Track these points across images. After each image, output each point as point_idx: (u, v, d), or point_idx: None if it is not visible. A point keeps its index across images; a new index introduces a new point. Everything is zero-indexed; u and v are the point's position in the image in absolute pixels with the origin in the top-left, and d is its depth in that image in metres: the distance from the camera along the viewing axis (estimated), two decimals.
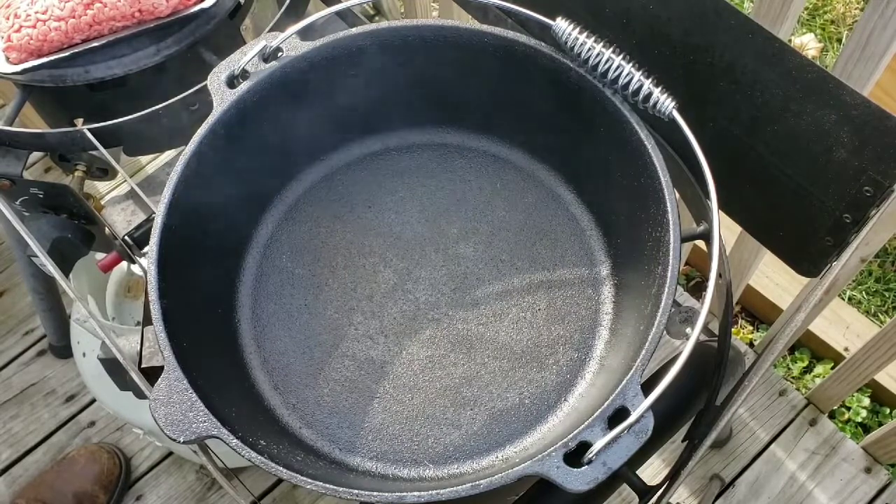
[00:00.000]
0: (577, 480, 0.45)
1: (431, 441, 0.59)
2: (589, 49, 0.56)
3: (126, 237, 0.71)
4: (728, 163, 0.64)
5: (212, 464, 0.56)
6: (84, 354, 1.03)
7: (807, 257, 0.64)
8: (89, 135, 0.70)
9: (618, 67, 0.55)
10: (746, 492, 1.15)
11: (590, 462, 0.45)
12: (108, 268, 0.76)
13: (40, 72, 0.72)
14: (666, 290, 0.51)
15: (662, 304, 0.51)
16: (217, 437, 0.48)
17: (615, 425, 0.46)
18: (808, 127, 0.58)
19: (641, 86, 0.55)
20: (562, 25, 0.57)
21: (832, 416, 1.23)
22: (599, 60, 0.56)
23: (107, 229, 0.72)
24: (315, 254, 0.67)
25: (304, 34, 0.60)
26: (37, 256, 0.65)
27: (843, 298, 1.31)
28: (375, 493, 0.46)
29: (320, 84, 0.63)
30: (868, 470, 1.16)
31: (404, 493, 0.46)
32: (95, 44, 0.72)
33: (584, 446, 0.46)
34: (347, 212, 0.69)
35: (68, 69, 0.73)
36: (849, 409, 1.24)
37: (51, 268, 0.65)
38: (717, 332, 0.65)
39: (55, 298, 1.20)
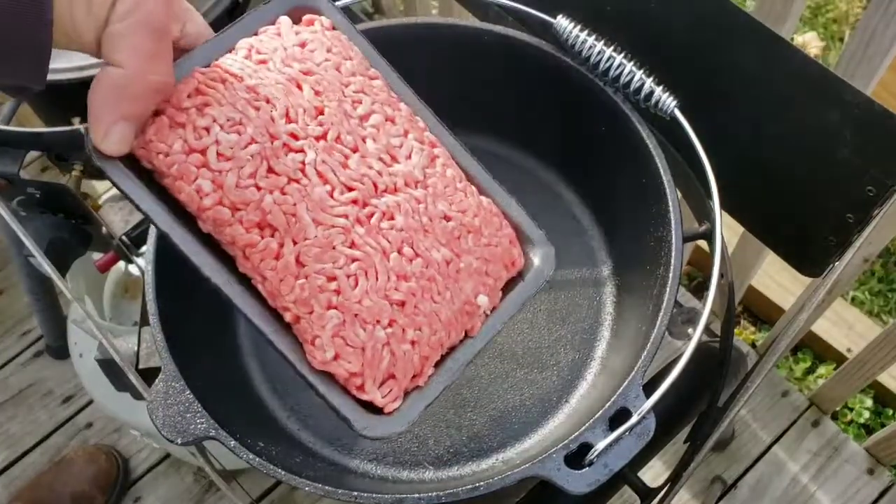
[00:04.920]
0: (578, 482, 0.45)
1: (431, 442, 0.59)
2: (590, 47, 0.56)
3: (123, 237, 0.70)
4: (730, 162, 0.63)
5: (210, 466, 0.55)
6: (81, 355, 1.03)
7: (809, 257, 0.63)
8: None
9: (619, 66, 0.55)
10: (749, 494, 1.15)
11: (591, 464, 0.45)
12: (105, 268, 0.76)
13: None
14: (668, 290, 0.51)
15: (664, 304, 0.50)
16: (215, 439, 0.47)
17: (616, 427, 0.45)
18: (810, 126, 0.57)
19: (643, 84, 0.55)
20: (563, 24, 0.57)
21: (835, 417, 1.23)
22: (601, 59, 0.55)
23: (104, 229, 0.72)
24: None
25: None
26: (33, 257, 0.65)
27: (845, 299, 1.31)
28: (375, 495, 0.46)
29: None
30: (871, 471, 1.15)
31: (404, 496, 0.45)
32: None
33: (586, 448, 0.45)
34: None
35: (63, 67, 0.72)
36: (851, 410, 1.23)
37: (47, 268, 0.64)
38: (719, 332, 0.64)
39: (52, 299, 1.20)
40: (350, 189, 0.39)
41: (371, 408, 0.38)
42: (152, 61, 0.33)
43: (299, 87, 0.39)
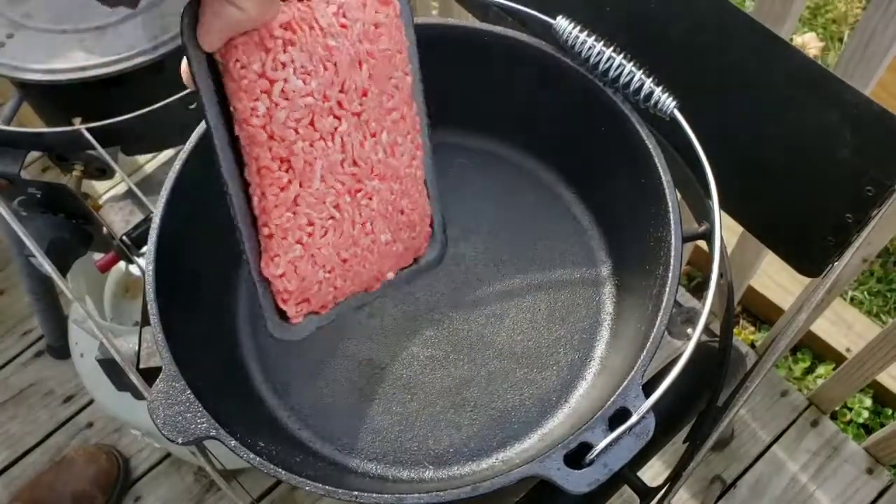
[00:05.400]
0: (578, 482, 0.45)
1: (431, 442, 0.59)
2: (590, 48, 0.56)
3: (124, 237, 0.70)
4: (729, 162, 0.64)
5: (210, 465, 0.55)
6: (82, 355, 1.03)
7: (808, 257, 0.63)
8: (87, 134, 0.70)
9: (619, 66, 0.55)
10: (748, 493, 1.15)
11: (591, 463, 0.45)
12: (105, 268, 0.76)
13: (36, 71, 0.72)
14: (667, 290, 0.51)
15: (664, 304, 0.51)
16: (215, 439, 0.47)
17: (616, 426, 0.45)
18: (809, 126, 0.57)
19: (642, 85, 0.55)
20: (562, 24, 0.57)
21: (834, 417, 1.23)
22: (600, 59, 0.56)
23: (105, 229, 0.72)
24: None
25: None
26: (34, 257, 0.65)
27: (844, 299, 1.31)
28: (375, 495, 0.46)
29: None
30: (870, 471, 1.15)
31: (404, 495, 0.46)
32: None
33: (585, 447, 0.45)
34: None
35: (64, 68, 0.72)
36: (851, 409, 1.23)
37: (48, 268, 0.64)
38: (718, 332, 0.64)
39: (53, 299, 1.20)
40: (356, 164, 0.45)
41: (282, 315, 0.46)
42: (268, 4, 0.37)
43: (360, 65, 0.43)
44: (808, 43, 1.58)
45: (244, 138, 0.41)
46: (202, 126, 0.58)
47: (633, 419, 0.45)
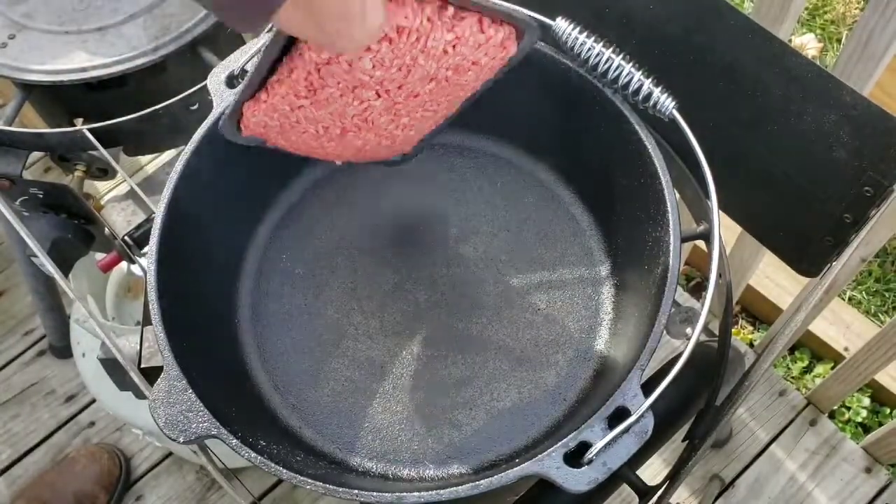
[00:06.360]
0: (577, 480, 0.45)
1: (431, 441, 0.59)
2: (589, 49, 0.56)
3: (126, 237, 0.71)
4: (728, 163, 0.64)
5: (211, 464, 0.56)
6: (84, 354, 1.03)
7: (807, 257, 0.64)
8: (89, 135, 0.70)
9: (618, 67, 0.55)
10: (746, 492, 1.15)
11: (590, 462, 0.45)
12: (107, 268, 0.76)
13: (38, 72, 0.72)
14: (666, 290, 0.51)
15: (662, 304, 0.51)
16: (216, 438, 0.48)
17: (615, 425, 0.45)
18: (808, 127, 0.58)
19: (641, 86, 0.55)
20: (562, 25, 0.57)
21: (832, 416, 1.23)
22: (599, 60, 0.56)
23: (106, 229, 0.72)
24: (315, 254, 0.67)
25: None
26: (36, 256, 0.65)
27: (843, 298, 1.31)
28: (375, 493, 0.46)
29: None
30: (868, 470, 1.16)
31: (404, 494, 0.46)
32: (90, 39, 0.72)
33: (584, 446, 0.46)
34: (347, 211, 0.69)
35: (65, 69, 0.73)
36: (849, 409, 1.24)
37: (50, 268, 0.65)
38: (717, 332, 0.64)
39: (55, 298, 1.20)
40: (364, 122, 0.48)
41: (238, 125, 0.50)
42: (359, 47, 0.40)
43: (430, 81, 0.45)
44: (807, 44, 1.58)
45: (303, 49, 0.43)
46: (203, 127, 0.58)
47: (632, 418, 0.45)
